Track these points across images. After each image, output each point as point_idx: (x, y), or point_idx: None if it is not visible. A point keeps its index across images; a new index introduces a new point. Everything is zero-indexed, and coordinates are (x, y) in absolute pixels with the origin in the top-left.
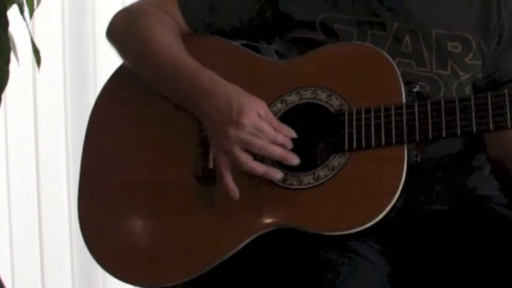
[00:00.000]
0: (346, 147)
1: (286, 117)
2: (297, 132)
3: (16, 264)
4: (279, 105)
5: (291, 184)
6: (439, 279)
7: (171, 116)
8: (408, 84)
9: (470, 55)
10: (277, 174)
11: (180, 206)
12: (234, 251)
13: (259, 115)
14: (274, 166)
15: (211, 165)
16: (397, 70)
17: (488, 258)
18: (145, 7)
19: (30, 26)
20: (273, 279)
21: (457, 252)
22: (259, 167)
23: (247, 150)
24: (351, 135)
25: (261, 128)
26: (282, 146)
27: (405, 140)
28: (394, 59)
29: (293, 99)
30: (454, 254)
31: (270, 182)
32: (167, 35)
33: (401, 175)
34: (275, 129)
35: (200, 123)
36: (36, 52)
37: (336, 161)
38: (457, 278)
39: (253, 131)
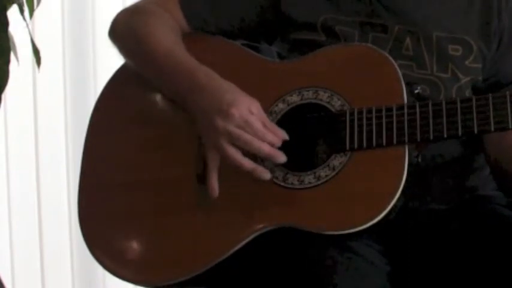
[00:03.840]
0: (347, 147)
1: (287, 117)
2: (298, 132)
3: (16, 264)
4: (281, 105)
5: (292, 184)
6: (439, 280)
7: (172, 115)
8: (409, 85)
9: (471, 58)
10: (265, 174)
11: (181, 205)
12: (234, 249)
13: (250, 111)
14: (275, 166)
15: None
16: (399, 71)
17: (488, 259)
18: (147, 5)
19: (30, 26)
20: (273, 279)
21: (457, 253)
22: (247, 163)
23: (236, 146)
24: (352, 135)
25: (250, 122)
26: (271, 144)
27: (406, 140)
28: (394, 61)
29: (294, 99)
30: (454, 254)
31: (271, 182)
32: (167, 33)
33: (402, 175)
34: (265, 127)
35: None
36: (36, 52)
37: (336, 160)
38: (457, 278)
39: (241, 124)
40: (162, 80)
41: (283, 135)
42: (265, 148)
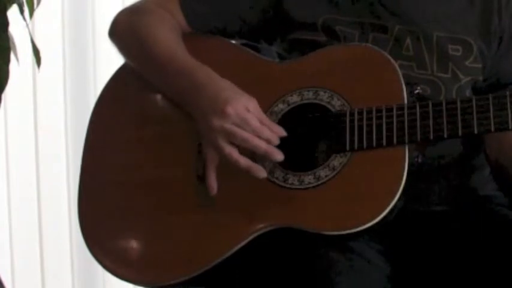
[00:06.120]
0: (347, 148)
1: (287, 118)
2: (298, 132)
3: (16, 264)
4: (281, 106)
5: (292, 184)
6: (439, 280)
7: (172, 115)
8: (409, 85)
9: (471, 58)
10: (261, 172)
11: (181, 205)
12: (234, 250)
13: (247, 109)
14: (275, 166)
15: None
16: (399, 71)
17: (488, 259)
18: (147, 5)
19: (30, 26)
20: (273, 279)
21: (457, 253)
22: (243, 161)
23: (234, 144)
24: (352, 135)
25: (247, 119)
26: (268, 141)
27: (406, 141)
28: (395, 61)
29: (295, 99)
30: (454, 255)
31: (271, 182)
32: (167, 33)
33: (402, 175)
34: (262, 123)
35: None
36: (36, 52)
37: (336, 161)
38: (458, 279)
39: (238, 122)
40: (163, 80)
41: (281, 131)
42: (262, 145)
